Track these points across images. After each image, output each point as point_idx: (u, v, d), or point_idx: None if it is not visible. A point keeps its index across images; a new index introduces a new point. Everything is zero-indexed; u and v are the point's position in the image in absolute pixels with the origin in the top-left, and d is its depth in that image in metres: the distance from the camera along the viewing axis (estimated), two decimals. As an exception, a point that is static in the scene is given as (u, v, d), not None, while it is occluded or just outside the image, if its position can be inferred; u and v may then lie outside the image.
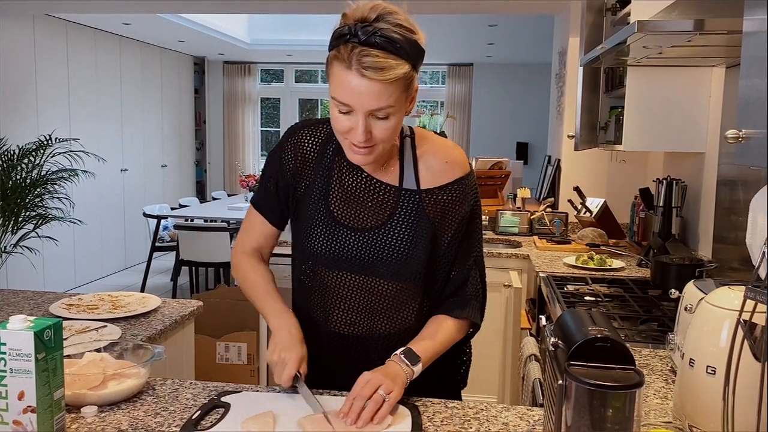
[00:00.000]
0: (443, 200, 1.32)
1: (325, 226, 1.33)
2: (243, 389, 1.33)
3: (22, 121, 5.65)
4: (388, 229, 1.31)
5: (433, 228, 1.32)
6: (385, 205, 1.32)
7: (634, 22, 1.80)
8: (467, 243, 1.37)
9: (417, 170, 1.32)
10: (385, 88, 1.14)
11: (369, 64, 1.13)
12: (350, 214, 1.33)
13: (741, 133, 1.11)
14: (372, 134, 1.19)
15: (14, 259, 4.78)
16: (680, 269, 2.22)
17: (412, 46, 1.17)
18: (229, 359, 3.44)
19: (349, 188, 1.33)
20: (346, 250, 1.32)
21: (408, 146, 1.34)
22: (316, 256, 1.34)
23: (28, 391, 1.07)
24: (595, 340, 0.97)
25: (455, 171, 1.33)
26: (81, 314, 1.88)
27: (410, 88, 1.21)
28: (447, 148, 1.36)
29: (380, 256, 1.31)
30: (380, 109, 1.17)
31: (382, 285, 1.32)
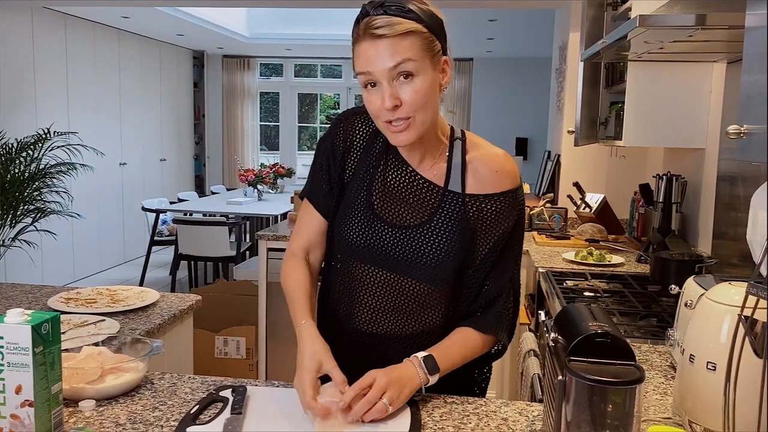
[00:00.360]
0: (487, 209, 1.28)
1: (363, 218, 1.30)
2: (242, 384, 1.32)
3: (20, 115, 5.63)
4: (427, 230, 1.28)
5: (472, 235, 1.28)
6: (428, 204, 1.29)
7: (636, 16, 1.80)
8: (505, 258, 1.33)
9: (464, 174, 1.29)
10: (398, 42, 1.13)
11: (378, 24, 1.13)
12: (391, 210, 1.30)
13: (742, 129, 1.11)
14: (401, 101, 1.16)
15: (13, 253, 4.77)
16: (680, 265, 2.22)
17: (425, 12, 1.17)
18: (227, 353, 3.44)
19: (393, 183, 1.31)
20: (381, 245, 1.29)
21: (458, 149, 1.31)
22: (350, 248, 1.31)
23: (25, 385, 1.07)
24: (595, 336, 0.97)
25: (504, 182, 1.30)
26: (79, 308, 1.87)
27: (434, 52, 1.18)
28: (498, 157, 1.31)
29: (415, 255, 1.28)
30: (398, 66, 1.14)
31: (412, 285, 1.29)
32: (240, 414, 1.17)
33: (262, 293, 3.40)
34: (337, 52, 8.84)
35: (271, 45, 8.69)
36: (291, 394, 1.28)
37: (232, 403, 1.21)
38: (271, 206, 6.19)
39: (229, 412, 1.18)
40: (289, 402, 1.24)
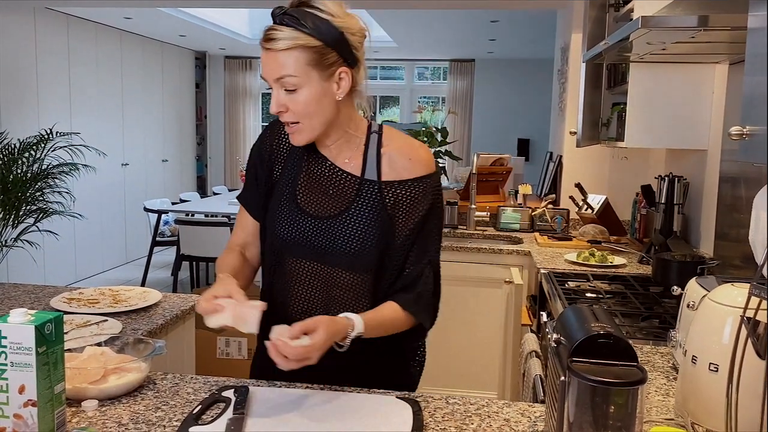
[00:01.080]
0: (403, 195, 1.35)
1: (288, 212, 1.38)
2: (244, 384, 1.32)
3: (22, 115, 5.64)
4: (346, 218, 1.35)
5: (390, 221, 1.34)
6: (346, 194, 1.37)
7: (638, 17, 1.80)
8: (424, 242, 1.37)
9: (380, 164, 1.36)
10: (282, 57, 1.23)
11: (269, 37, 1.24)
12: (313, 202, 1.38)
13: (745, 130, 1.11)
14: (286, 107, 1.27)
15: (15, 253, 4.77)
16: (682, 266, 2.22)
17: (321, 24, 1.24)
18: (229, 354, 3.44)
19: (315, 177, 1.39)
20: (306, 237, 1.36)
21: (374, 141, 1.39)
22: (279, 242, 1.39)
23: (28, 384, 1.07)
24: (597, 337, 0.97)
25: (417, 169, 1.36)
26: (82, 308, 1.88)
27: (325, 66, 1.25)
28: (412, 146, 1.40)
29: (337, 244, 1.35)
30: (282, 79, 1.25)
31: (338, 275, 1.36)
32: (242, 414, 1.17)
33: (263, 294, 3.41)
34: (339, 53, 8.82)
35: (273, 46, 8.69)
36: (293, 394, 1.29)
37: (234, 404, 1.21)
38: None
39: (232, 412, 1.18)
40: (291, 402, 1.25)
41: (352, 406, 1.23)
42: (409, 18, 6.42)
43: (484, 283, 3.35)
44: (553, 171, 4.38)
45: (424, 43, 8.21)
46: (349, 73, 1.29)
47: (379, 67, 10.12)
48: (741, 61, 2.32)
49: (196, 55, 9.20)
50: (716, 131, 2.57)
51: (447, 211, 3.87)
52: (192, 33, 7.53)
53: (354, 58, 1.29)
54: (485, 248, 3.37)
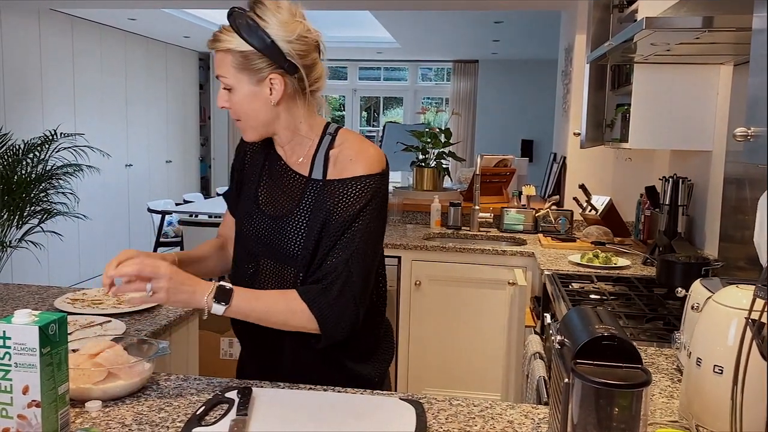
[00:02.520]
0: (341, 193, 1.35)
1: (249, 210, 1.45)
2: (247, 385, 1.32)
3: (27, 116, 5.66)
4: (293, 216, 1.38)
5: (329, 219, 1.35)
6: (294, 193, 1.41)
7: (642, 18, 1.79)
8: (347, 241, 1.32)
9: (327, 164, 1.38)
10: (219, 57, 1.32)
11: (213, 38, 1.33)
12: (270, 200, 1.43)
13: (749, 131, 1.11)
14: (230, 105, 1.35)
15: (19, 254, 4.79)
16: (686, 268, 2.21)
17: (251, 30, 1.28)
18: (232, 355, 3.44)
19: (273, 176, 1.45)
20: (260, 234, 1.41)
21: (326, 142, 1.41)
22: (240, 237, 1.46)
23: (32, 385, 1.07)
24: (601, 339, 0.97)
25: (359, 168, 1.35)
26: (86, 309, 1.88)
27: (253, 70, 1.30)
28: (360, 147, 1.39)
29: (284, 242, 1.38)
30: (219, 77, 1.34)
31: (289, 273, 1.38)
32: (245, 415, 1.17)
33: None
34: (341, 54, 8.85)
35: (277, 47, 8.70)
36: (296, 395, 1.29)
37: (237, 405, 1.21)
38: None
39: (235, 413, 1.18)
40: (294, 403, 1.25)
41: (355, 408, 1.23)
42: (412, 19, 6.42)
43: (488, 284, 3.35)
44: (556, 172, 4.37)
45: (428, 44, 8.21)
46: (282, 79, 1.32)
47: (382, 68, 10.13)
48: (746, 62, 2.31)
49: (200, 56, 9.21)
50: (721, 132, 2.56)
51: (450, 213, 3.86)
52: (196, 34, 7.54)
53: (291, 64, 1.31)
54: (489, 249, 3.37)
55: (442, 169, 4.45)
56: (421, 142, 4.44)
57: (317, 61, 1.36)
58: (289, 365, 1.43)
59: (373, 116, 10.48)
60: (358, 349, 1.45)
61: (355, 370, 1.44)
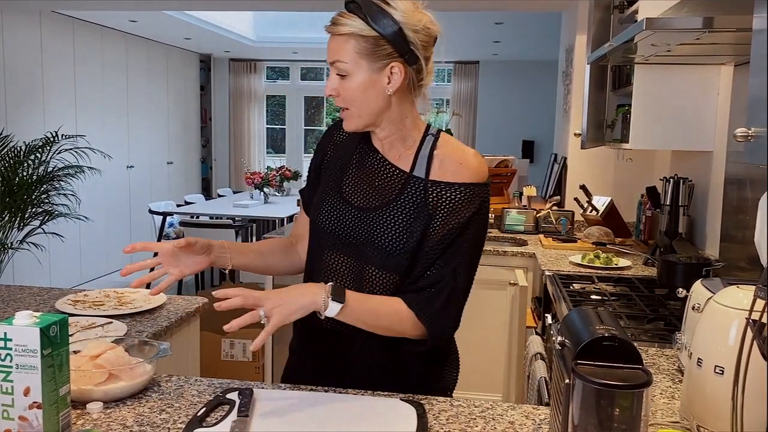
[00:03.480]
0: (446, 197, 1.31)
1: (331, 202, 1.38)
2: (248, 386, 1.33)
3: (28, 118, 5.66)
4: (387, 211, 1.33)
5: (429, 221, 1.31)
6: (392, 187, 1.35)
7: (643, 19, 1.79)
8: (454, 250, 1.30)
9: (430, 164, 1.34)
10: (338, 42, 1.27)
11: (331, 22, 1.28)
12: (357, 192, 1.37)
13: (750, 132, 1.11)
14: (338, 92, 1.30)
15: (21, 256, 4.79)
16: (687, 268, 2.21)
17: (380, 15, 1.25)
18: (234, 356, 3.45)
19: (364, 168, 1.39)
20: (345, 228, 1.35)
21: (428, 143, 1.37)
22: (319, 232, 1.39)
23: (34, 387, 1.07)
24: (602, 339, 0.97)
25: (466, 174, 1.32)
26: (87, 310, 1.88)
27: (376, 57, 1.26)
28: (465, 153, 1.36)
29: (373, 237, 1.32)
30: (335, 63, 1.28)
31: (369, 272, 1.33)
32: (246, 416, 1.18)
33: (268, 296, 3.41)
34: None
35: (278, 48, 8.71)
36: (297, 396, 1.29)
37: (238, 406, 1.21)
38: (278, 209, 6.20)
39: (236, 414, 1.19)
40: (295, 404, 1.25)
41: (356, 409, 1.23)
42: (413, 20, 6.41)
43: (489, 285, 3.34)
44: (557, 173, 4.37)
45: (429, 45, 8.20)
46: (403, 69, 1.28)
47: (383, 69, 10.12)
48: (746, 63, 2.31)
49: (201, 57, 9.22)
50: (721, 133, 2.56)
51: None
52: (197, 36, 7.55)
53: (413, 54, 1.27)
54: (490, 250, 3.36)
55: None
56: (422, 143, 4.43)
57: (432, 56, 1.33)
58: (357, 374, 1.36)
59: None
60: (438, 359, 1.45)
61: (428, 379, 1.42)
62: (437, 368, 1.45)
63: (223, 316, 1.29)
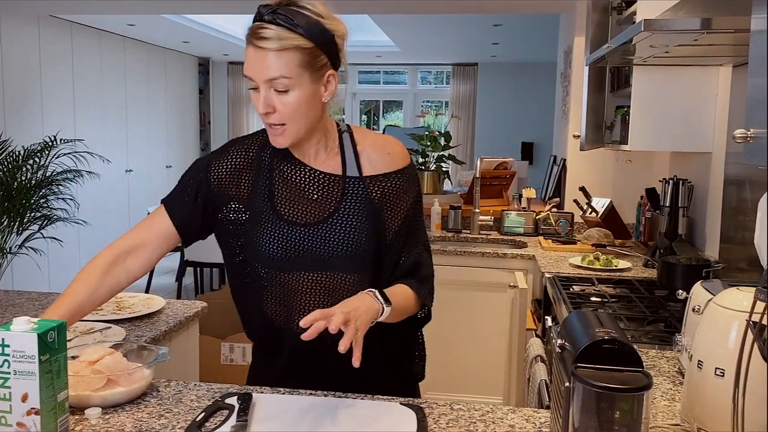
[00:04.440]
0: (388, 188, 1.35)
1: (274, 227, 1.33)
2: (247, 391, 1.32)
3: (27, 122, 5.66)
4: (336, 219, 1.33)
5: (379, 216, 1.34)
6: (332, 195, 1.35)
7: (641, 21, 1.79)
8: (415, 230, 1.39)
9: (359, 161, 1.36)
10: (276, 57, 1.20)
11: (261, 35, 1.21)
12: (297, 210, 1.34)
13: (749, 133, 1.10)
14: (274, 108, 1.24)
15: (19, 260, 4.78)
16: (687, 270, 2.21)
17: (313, 25, 1.22)
18: (233, 360, 3.44)
19: (294, 184, 1.36)
20: (299, 248, 1.32)
21: (347, 140, 1.38)
22: (272, 260, 1.32)
23: (31, 392, 1.07)
24: (602, 342, 0.96)
25: (396, 162, 1.37)
26: (85, 315, 1.87)
27: (315, 67, 1.24)
28: (387, 141, 1.41)
29: (332, 248, 1.32)
30: (274, 80, 1.22)
31: (340, 279, 1.33)
32: (246, 421, 1.17)
33: (267, 299, 3.41)
34: (341, 58, 8.85)
35: (276, 51, 8.71)
36: (297, 401, 1.28)
37: (237, 411, 1.21)
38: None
39: (235, 419, 1.18)
40: (294, 408, 1.24)
41: (355, 413, 1.23)
42: (411, 22, 6.43)
43: (489, 287, 3.34)
44: (557, 174, 4.37)
45: (427, 47, 8.22)
46: (336, 76, 1.29)
47: (382, 72, 10.13)
48: (745, 64, 2.31)
49: (200, 61, 9.22)
50: (720, 134, 2.56)
51: (450, 216, 3.86)
52: (195, 39, 7.56)
53: (338, 60, 1.29)
54: (489, 252, 3.36)
55: (442, 172, 4.44)
56: (421, 145, 4.44)
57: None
58: (335, 371, 1.35)
59: (373, 120, 10.49)
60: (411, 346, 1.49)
61: (404, 367, 1.47)
62: (407, 355, 1.49)
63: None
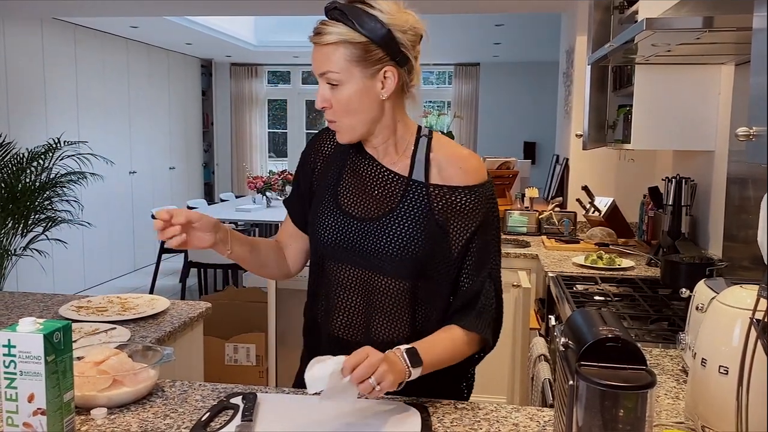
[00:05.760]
0: (454, 202, 1.29)
1: (330, 215, 1.35)
2: (252, 390, 1.33)
3: (31, 125, 5.68)
4: (391, 218, 1.30)
5: (438, 226, 1.29)
6: (393, 194, 1.32)
7: (643, 19, 1.79)
8: (482, 254, 1.31)
9: (428, 167, 1.32)
10: (326, 52, 1.23)
11: (316, 31, 1.24)
12: (356, 203, 1.34)
13: (752, 131, 1.10)
14: (330, 103, 1.26)
15: (24, 262, 4.80)
16: (690, 268, 2.20)
17: (368, 18, 1.22)
18: (237, 360, 3.45)
19: (360, 177, 1.35)
20: (349, 240, 1.32)
21: (423, 145, 1.34)
22: (322, 246, 1.35)
23: (38, 393, 1.08)
24: (606, 340, 0.97)
25: (469, 177, 1.31)
26: (90, 316, 1.88)
27: (369, 63, 1.23)
28: (463, 156, 1.34)
29: (380, 246, 1.30)
30: (325, 74, 1.24)
31: (379, 280, 1.31)
32: (250, 421, 1.17)
33: (271, 300, 3.41)
34: (344, 58, 8.84)
35: (279, 52, 8.72)
36: (301, 400, 1.28)
37: (242, 410, 1.21)
38: (280, 213, 6.16)
39: (240, 419, 1.19)
40: (299, 409, 1.25)
41: (360, 412, 1.23)
42: (413, 23, 6.42)
43: (492, 287, 3.33)
44: (559, 174, 4.37)
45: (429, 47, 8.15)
46: (396, 72, 1.26)
47: (384, 72, 10.12)
48: (747, 62, 2.31)
49: (203, 62, 9.23)
50: (723, 132, 2.56)
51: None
52: (198, 41, 7.57)
53: (404, 56, 1.26)
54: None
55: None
56: (424, 145, 4.43)
57: (419, 54, 1.31)
58: None
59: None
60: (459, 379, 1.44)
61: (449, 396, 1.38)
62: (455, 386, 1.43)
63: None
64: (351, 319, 1.34)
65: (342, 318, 1.35)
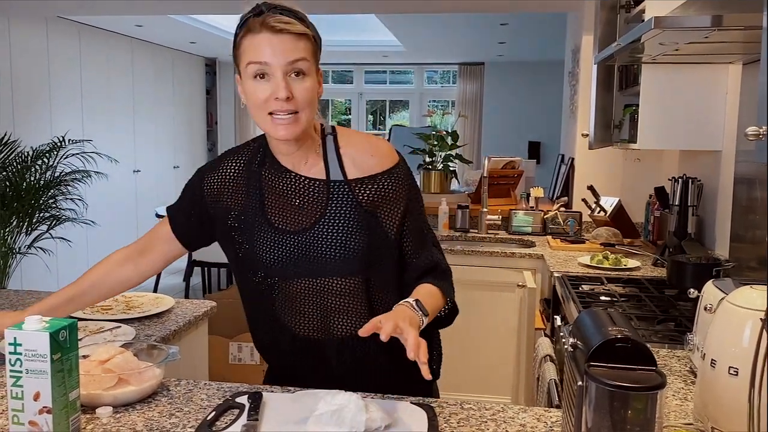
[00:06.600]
0: (378, 190, 1.33)
1: (267, 236, 1.34)
2: (258, 390, 1.32)
3: (35, 123, 5.68)
4: (324, 224, 1.32)
5: (369, 218, 1.32)
6: (318, 201, 1.34)
7: (651, 18, 1.78)
8: (417, 227, 1.39)
9: (342, 163, 1.34)
10: (296, 40, 1.24)
11: (278, 20, 1.22)
12: (287, 218, 1.34)
13: (761, 130, 1.10)
14: (293, 94, 1.24)
15: (28, 260, 4.81)
16: (697, 269, 2.19)
17: (311, 25, 1.28)
18: (241, 359, 3.44)
19: (281, 192, 1.35)
20: (291, 256, 1.33)
21: (330, 142, 1.37)
22: (268, 267, 1.35)
23: (43, 391, 1.07)
24: (615, 341, 0.96)
25: (384, 162, 1.35)
26: (95, 315, 1.88)
27: (317, 60, 1.29)
28: (372, 143, 1.38)
29: (323, 252, 1.32)
30: (295, 62, 1.23)
31: (330, 283, 1.33)
32: (256, 420, 1.17)
33: (275, 299, 3.41)
34: (347, 58, 8.85)
35: (283, 52, 8.72)
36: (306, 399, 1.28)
37: (248, 410, 1.21)
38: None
39: (246, 418, 1.18)
40: (304, 408, 1.24)
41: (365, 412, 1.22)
42: (418, 22, 6.42)
43: (497, 287, 3.33)
44: (565, 173, 4.36)
45: (434, 47, 8.21)
46: (322, 78, 1.34)
47: (388, 72, 10.13)
48: (754, 61, 2.29)
49: (207, 61, 9.24)
50: (730, 132, 2.55)
51: (458, 215, 3.85)
52: (202, 40, 7.57)
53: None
54: (497, 252, 3.35)
55: (450, 171, 4.44)
56: (428, 144, 4.43)
57: None
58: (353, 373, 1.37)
59: (380, 120, 10.49)
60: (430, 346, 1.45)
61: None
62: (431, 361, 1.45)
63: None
64: (313, 322, 1.35)
65: (304, 322, 1.35)
